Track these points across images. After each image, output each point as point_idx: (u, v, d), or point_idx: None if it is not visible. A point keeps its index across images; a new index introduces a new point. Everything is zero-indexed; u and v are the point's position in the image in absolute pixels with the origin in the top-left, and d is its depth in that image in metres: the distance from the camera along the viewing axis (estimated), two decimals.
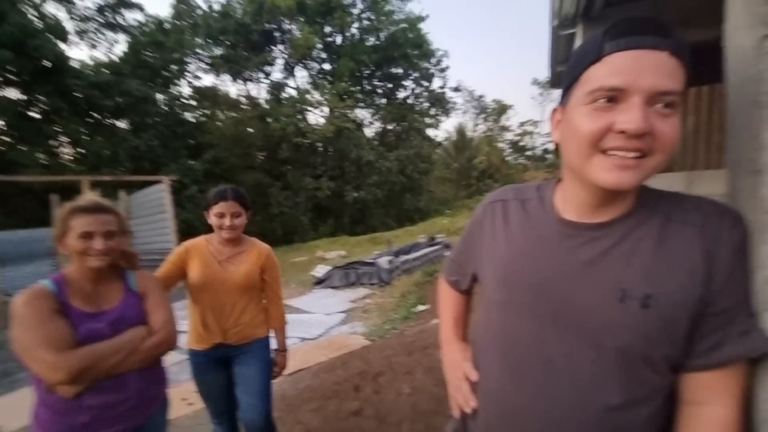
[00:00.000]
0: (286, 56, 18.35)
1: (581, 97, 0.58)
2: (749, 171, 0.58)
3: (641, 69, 0.53)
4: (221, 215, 1.66)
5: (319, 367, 3.37)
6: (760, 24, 0.55)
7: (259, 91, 18.66)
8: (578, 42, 3.73)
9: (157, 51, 15.30)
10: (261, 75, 18.50)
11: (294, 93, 18.39)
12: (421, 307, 5.03)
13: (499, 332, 0.73)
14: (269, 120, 16.76)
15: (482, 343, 0.79)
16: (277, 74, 18.96)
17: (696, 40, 1.21)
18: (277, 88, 18.57)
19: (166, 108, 15.42)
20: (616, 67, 0.54)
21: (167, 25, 16.45)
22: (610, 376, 0.61)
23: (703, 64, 0.73)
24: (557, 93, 0.69)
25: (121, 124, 14.24)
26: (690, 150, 2.78)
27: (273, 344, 1.86)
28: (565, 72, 0.63)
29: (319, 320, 4.82)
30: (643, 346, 0.59)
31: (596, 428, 0.62)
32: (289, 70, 18.98)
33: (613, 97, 0.55)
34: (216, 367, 1.74)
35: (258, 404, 1.73)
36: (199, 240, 1.76)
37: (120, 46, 20.90)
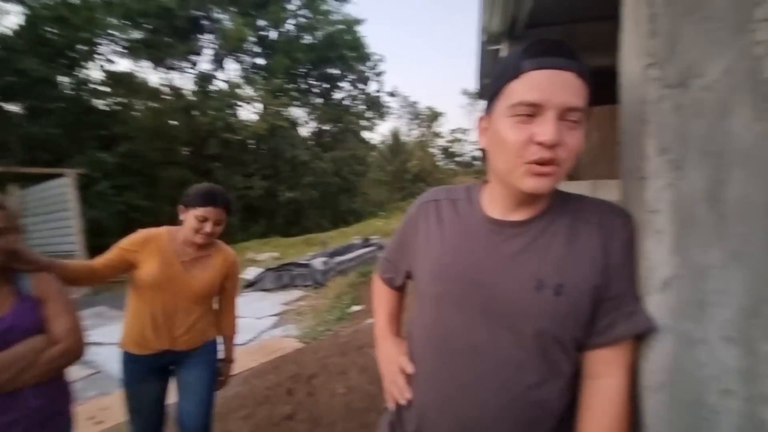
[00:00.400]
0: (216, 47, 17.33)
1: (505, 109, 0.65)
2: (636, 178, 0.69)
3: (554, 87, 0.61)
4: (203, 219, 1.50)
5: (249, 372, 3.23)
6: (646, 54, 0.66)
7: (185, 82, 17.36)
8: (504, 53, 4.04)
9: (61, 28, 13.52)
10: (187, 65, 17.25)
11: (224, 86, 17.42)
12: (355, 308, 5.06)
13: (433, 324, 0.78)
14: (195, 113, 15.67)
15: (418, 336, 0.83)
16: (204, 65, 17.75)
17: (602, 64, 1.39)
18: (204, 79, 17.43)
19: (72, 92, 13.68)
20: (535, 84, 0.62)
21: (75, 0, 14.64)
22: (528, 358, 0.69)
23: (608, 86, 0.85)
24: (484, 103, 0.75)
25: (14, 108, 12.35)
26: (596, 162, 3.15)
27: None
28: (489, 84, 0.70)
29: (250, 324, 4.63)
30: (556, 329, 0.68)
31: (517, 406, 0.70)
32: (218, 61, 17.93)
33: (532, 111, 0.62)
34: (154, 376, 1.57)
35: (199, 413, 1.60)
36: (161, 232, 1.56)
37: (13, 18, 18.12)
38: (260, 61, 18.66)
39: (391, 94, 24.54)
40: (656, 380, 0.67)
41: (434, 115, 33.48)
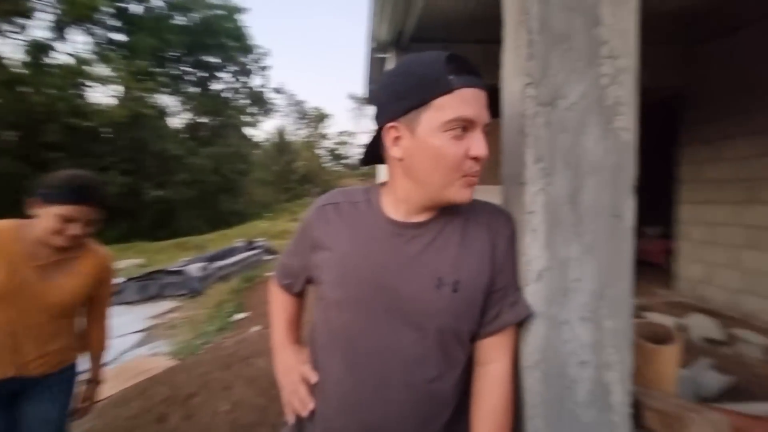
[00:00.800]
0: (58, 12, 14.29)
1: (440, 124, 0.65)
2: (516, 183, 0.78)
3: (480, 104, 0.67)
4: (69, 219, 1.16)
5: (106, 402, 2.74)
6: (525, 74, 0.75)
7: (11, 50, 13.90)
8: (389, 65, 4.23)
9: None
10: (12, 28, 13.82)
11: (69, 61, 14.46)
12: (239, 316, 4.71)
13: (339, 329, 0.76)
14: (26, 89, 12.68)
15: (322, 343, 0.80)
16: (39, 32, 14.46)
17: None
18: (39, 49, 14.19)
19: None
20: (467, 101, 0.65)
21: None
22: (429, 353, 0.72)
23: (493, 101, 0.93)
24: (371, 109, 0.76)
25: None
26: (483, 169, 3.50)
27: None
28: (407, 93, 0.66)
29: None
30: (455, 323, 0.72)
31: (421, 401, 0.72)
32: (59, 30, 14.81)
33: (466, 126, 0.66)
34: None
35: None
36: (6, 227, 1.18)
37: None
38: (119, 37, 16.07)
39: (277, 91, 23.70)
40: (532, 360, 0.77)
41: (321, 116, 33.38)
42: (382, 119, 0.71)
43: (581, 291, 0.78)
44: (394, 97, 0.69)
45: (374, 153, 0.79)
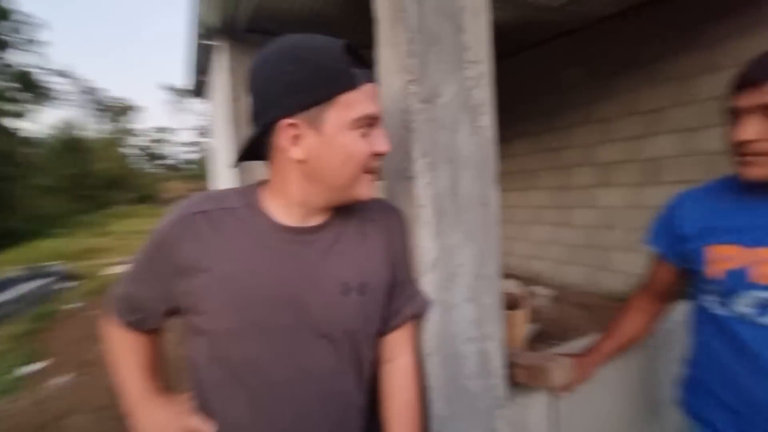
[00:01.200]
0: None
1: (347, 121, 0.60)
2: (404, 177, 0.80)
3: (377, 99, 0.64)
4: None
5: None
6: (406, 71, 0.77)
7: None
8: (223, 56, 3.85)
9: None
10: None
11: None
12: (32, 367, 3.57)
13: (240, 364, 0.63)
14: None
15: (214, 384, 0.66)
16: None
17: None
18: None
19: None
20: (371, 97, 0.62)
21: None
22: (345, 365, 0.68)
23: None
24: (197, 101, 0.66)
25: None
26: None
27: None
28: (304, 86, 0.59)
29: None
30: (365, 327, 0.69)
31: (340, 420, 0.67)
32: None
33: (370, 123, 0.63)
34: None
35: None
36: None
37: None
38: None
39: (61, 74, 18.70)
40: (431, 346, 0.81)
41: (125, 108, 28.05)
42: (272, 114, 0.60)
43: (464, 274, 0.85)
44: (289, 89, 0.59)
45: (252, 150, 0.68)
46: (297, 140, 0.61)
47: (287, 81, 0.59)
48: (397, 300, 0.75)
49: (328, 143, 0.61)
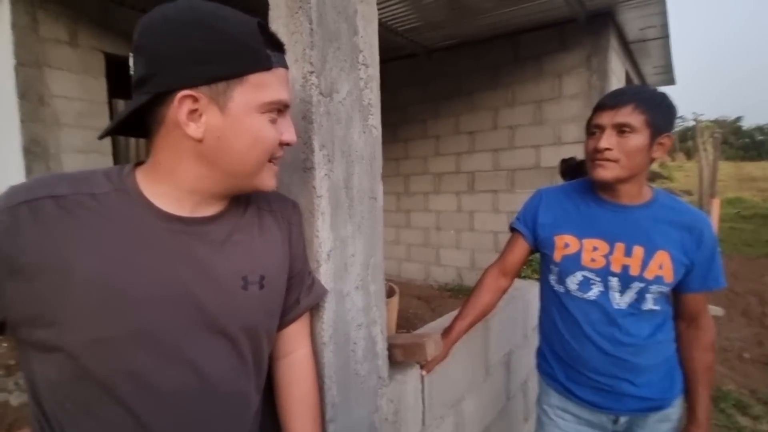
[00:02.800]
0: None
1: (257, 104, 0.56)
2: (302, 168, 0.80)
3: (288, 86, 0.62)
4: None
5: None
6: (306, 62, 0.77)
7: None
8: (4, 6, 2.93)
9: None
10: None
11: None
12: None
13: (114, 380, 0.52)
14: None
15: (76, 411, 0.52)
16: None
17: None
18: None
19: None
20: (284, 83, 0.60)
21: None
22: (244, 364, 0.63)
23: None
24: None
25: None
26: None
27: None
28: (211, 55, 0.52)
29: None
30: (267, 322, 0.66)
31: (236, 424, 0.62)
32: None
33: (280, 110, 0.60)
34: None
35: None
36: None
37: None
38: None
39: None
40: (327, 335, 0.82)
41: None
42: (169, 82, 0.52)
43: (355, 264, 0.90)
44: (194, 57, 0.52)
45: (131, 123, 0.58)
46: (195, 116, 0.54)
47: (192, 47, 0.52)
48: (294, 291, 0.74)
49: (232, 124, 0.55)
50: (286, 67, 0.61)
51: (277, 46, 0.59)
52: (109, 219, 0.54)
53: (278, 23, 0.81)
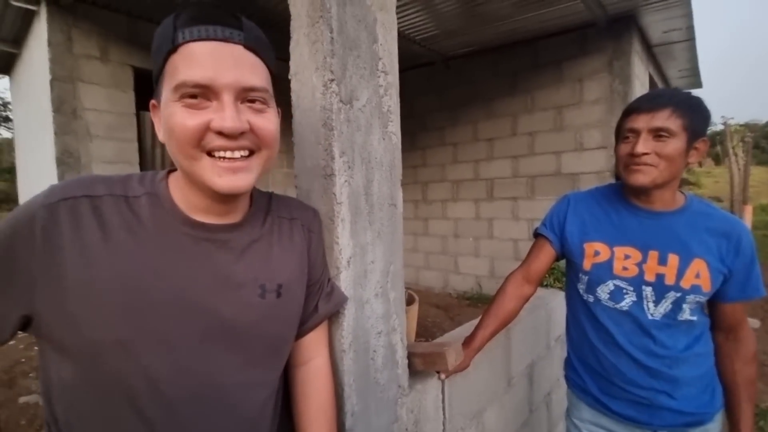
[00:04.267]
0: None
1: (170, 92, 0.51)
2: (325, 175, 0.80)
3: (221, 63, 0.51)
4: None
5: None
6: (327, 70, 0.78)
7: None
8: (42, 24, 3.10)
9: None
10: None
11: None
12: None
13: (126, 386, 0.53)
14: None
15: (89, 414, 0.53)
16: None
17: None
18: None
19: None
20: (195, 60, 0.50)
21: None
22: (260, 373, 0.63)
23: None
24: None
25: None
26: None
27: None
28: (153, 60, 0.55)
29: None
30: (283, 331, 0.66)
31: (246, 426, 0.62)
32: None
33: (201, 93, 0.51)
34: None
35: None
36: None
37: None
38: None
39: None
40: (347, 343, 0.82)
41: None
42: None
43: (375, 271, 0.89)
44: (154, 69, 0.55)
45: None
46: (157, 119, 0.57)
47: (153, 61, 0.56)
48: (313, 298, 0.74)
49: (159, 120, 0.56)
50: (217, 39, 0.51)
51: (194, 20, 0.50)
52: (137, 222, 0.55)
53: (299, 33, 0.83)
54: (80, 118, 3.21)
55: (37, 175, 3.96)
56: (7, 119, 16.24)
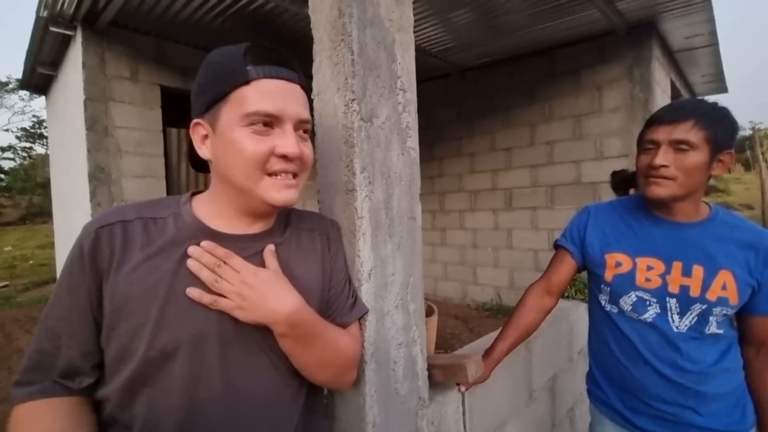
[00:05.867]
0: None
1: (237, 118, 0.59)
2: (344, 190, 0.83)
3: (287, 98, 0.61)
4: None
5: None
6: (348, 90, 0.81)
7: None
8: (78, 48, 3.28)
9: None
10: None
11: None
12: None
13: (164, 384, 0.58)
14: None
15: (132, 417, 0.58)
16: None
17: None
18: None
19: None
20: (268, 94, 0.59)
21: None
22: (281, 375, 0.66)
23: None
24: (23, 95, 0.65)
25: None
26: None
27: None
28: (206, 86, 0.62)
29: None
30: None
31: (273, 424, 0.65)
32: None
33: (269, 122, 0.60)
34: None
35: None
36: None
37: None
38: None
39: None
40: (368, 353, 0.83)
41: None
42: (191, 117, 0.64)
43: (395, 283, 0.91)
44: (198, 91, 0.63)
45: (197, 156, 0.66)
46: (205, 140, 0.64)
47: (197, 84, 0.64)
48: (335, 304, 0.75)
49: (221, 141, 0.62)
50: (277, 78, 0.60)
51: (264, 60, 0.60)
52: (164, 238, 0.62)
53: (322, 56, 0.87)
54: (111, 136, 3.37)
55: (70, 190, 4.16)
56: (42, 136, 17.09)
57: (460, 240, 4.92)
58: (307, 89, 0.68)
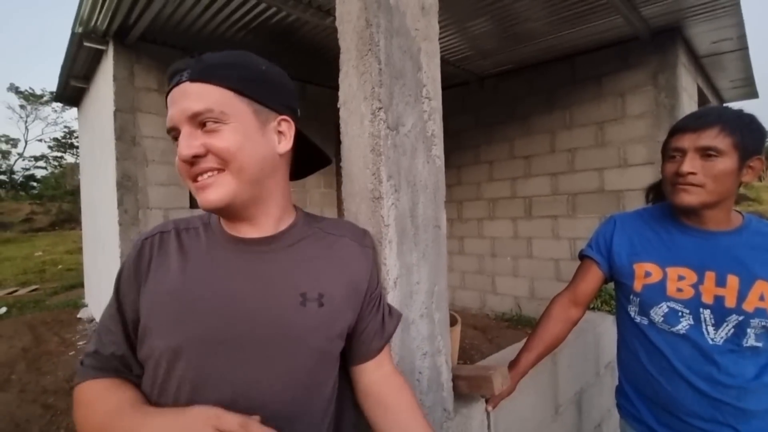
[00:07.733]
0: None
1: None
2: (370, 198, 0.83)
3: (175, 103, 0.60)
4: None
5: None
6: (375, 99, 0.82)
7: None
8: (109, 62, 3.42)
9: None
10: None
11: None
12: None
13: (178, 388, 0.59)
14: None
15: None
16: None
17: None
18: None
19: None
20: (169, 108, 0.61)
21: None
22: (301, 379, 0.64)
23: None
24: (56, 106, 0.67)
25: None
26: None
27: None
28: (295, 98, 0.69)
29: None
30: (325, 342, 0.66)
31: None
32: None
33: (176, 134, 0.61)
34: None
35: None
36: None
37: None
38: None
39: None
40: (394, 362, 0.83)
41: None
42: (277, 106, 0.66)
43: (420, 292, 0.90)
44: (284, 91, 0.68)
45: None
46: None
47: (281, 83, 0.69)
48: (377, 315, 0.74)
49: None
50: (175, 84, 0.60)
51: (171, 73, 0.62)
52: (195, 246, 0.67)
53: (348, 65, 0.88)
54: (138, 145, 3.48)
55: (98, 197, 4.30)
56: (72, 146, 17.81)
57: (479, 249, 4.86)
58: (248, 78, 0.63)
